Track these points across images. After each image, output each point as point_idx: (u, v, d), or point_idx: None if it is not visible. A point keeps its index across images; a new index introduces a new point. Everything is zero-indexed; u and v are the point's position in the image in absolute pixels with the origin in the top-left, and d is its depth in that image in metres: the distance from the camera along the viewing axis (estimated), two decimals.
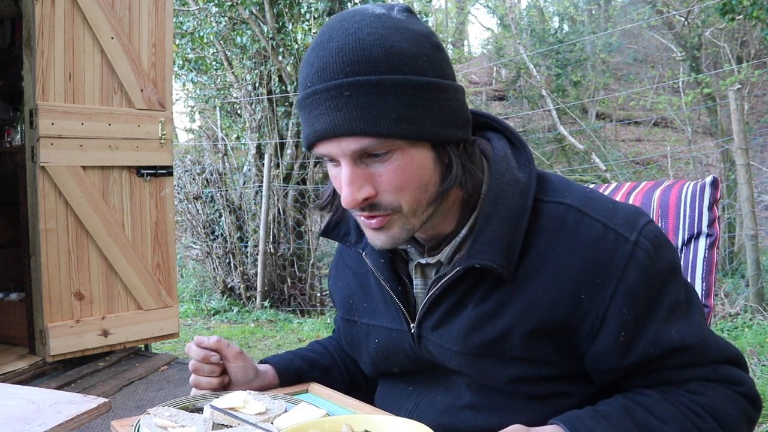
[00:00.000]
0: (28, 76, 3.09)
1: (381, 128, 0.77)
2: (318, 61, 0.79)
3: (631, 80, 12.84)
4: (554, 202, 0.87)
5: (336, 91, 0.77)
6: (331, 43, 0.78)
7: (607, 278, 0.83)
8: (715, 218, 1.18)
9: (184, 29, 7.11)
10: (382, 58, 0.76)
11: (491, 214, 0.86)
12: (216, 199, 6.39)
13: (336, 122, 0.77)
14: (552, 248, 0.85)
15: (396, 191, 0.81)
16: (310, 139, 0.82)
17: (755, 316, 4.15)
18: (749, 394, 0.87)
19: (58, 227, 3.11)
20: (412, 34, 0.79)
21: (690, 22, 9.08)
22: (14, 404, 0.98)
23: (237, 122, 7.69)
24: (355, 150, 0.79)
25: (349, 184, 0.80)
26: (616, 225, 0.84)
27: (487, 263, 0.84)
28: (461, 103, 0.84)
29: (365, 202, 0.82)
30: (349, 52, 0.76)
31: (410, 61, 0.77)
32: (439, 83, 0.80)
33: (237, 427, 0.88)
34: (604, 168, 7.90)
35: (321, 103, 0.78)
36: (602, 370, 0.88)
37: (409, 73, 0.77)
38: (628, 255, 0.83)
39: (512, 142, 0.93)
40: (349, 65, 0.76)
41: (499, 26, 14.75)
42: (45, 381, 3.07)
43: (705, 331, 0.87)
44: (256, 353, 4.18)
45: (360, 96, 0.76)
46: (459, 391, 0.95)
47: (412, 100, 0.78)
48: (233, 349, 1.03)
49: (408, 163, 0.80)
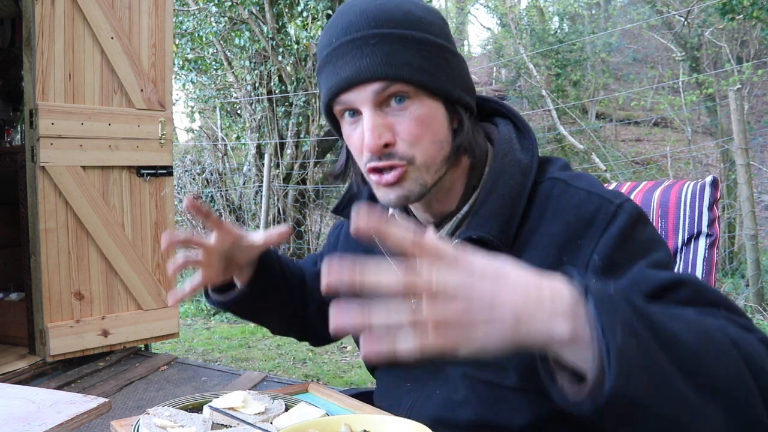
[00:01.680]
0: (28, 76, 3.09)
1: (404, 72, 0.84)
2: (342, 20, 0.86)
3: (631, 80, 12.84)
4: (546, 179, 0.90)
5: (362, 40, 0.84)
6: (354, 7, 0.86)
7: (586, 238, 0.83)
8: (715, 218, 1.18)
9: (184, 29, 7.11)
10: (402, 18, 0.85)
11: (492, 191, 0.89)
12: (216, 199, 6.39)
13: (362, 67, 0.84)
14: (540, 222, 0.87)
15: (413, 141, 0.86)
16: (334, 90, 0.87)
17: (755, 316, 4.15)
18: (766, 339, 0.69)
19: (58, 227, 3.12)
20: (425, 6, 0.88)
21: (690, 22, 9.08)
22: (14, 404, 0.98)
23: (237, 122, 7.69)
24: (377, 91, 0.84)
25: (371, 130, 0.85)
26: (600, 191, 0.86)
27: (484, 235, 0.86)
28: (468, 73, 0.92)
29: (385, 149, 0.86)
30: (373, 10, 0.85)
31: (426, 24, 0.86)
32: (451, 48, 0.89)
33: (236, 427, 0.88)
34: (604, 168, 7.90)
35: (348, 53, 0.85)
36: None
37: (427, 33, 0.85)
38: (611, 214, 0.83)
39: (518, 127, 0.97)
40: (374, 20, 0.84)
41: (498, 26, 14.75)
42: (45, 381, 3.07)
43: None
44: (256, 353, 4.18)
45: (385, 45, 0.83)
46: (455, 384, 0.96)
47: (430, 55, 0.85)
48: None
49: (425, 114, 0.86)
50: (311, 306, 1.17)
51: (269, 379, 3.29)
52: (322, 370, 3.88)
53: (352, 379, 3.64)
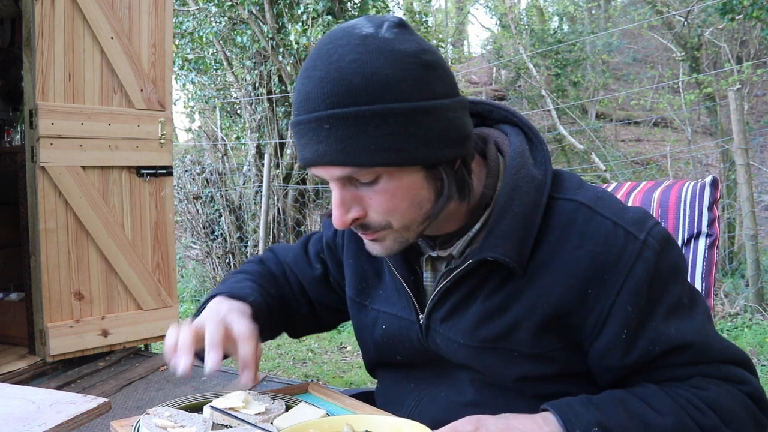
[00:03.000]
0: (28, 76, 3.09)
1: (361, 159, 0.78)
2: (303, 89, 0.81)
3: (631, 80, 12.83)
4: (566, 199, 0.88)
5: (317, 123, 0.79)
6: (315, 71, 0.79)
7: (614, 275, 0.84)
8: (715, 218, 1.18)
9: (183, 29, 7.11)
10: (362, 87, 0.77)
11: (506, 209, 0.86)
12: (216, 199, 6.39)
13: (319, 153, 0.80)
14: (562, 244, 0.86)
15: (385, 213, 0.83)
16: (302, 164, 0.85)
17: (755, 316, 4.15)
18: (755, 395, 0.85)
19: (57, 227, 3.11)
20: (397, 56, 0.78)
21: (690, 22, 9.08)
22: (14, 404, 0.98)
23: (237, 122, 7.69)
24: (339, 177, 0.81)
25: (338, 206, 0.83)
26: (625, 223, 0.85)
27: (500, 257, 0.85)
28: (454, 121, 0.82)
29: (355, 223, 0.84)
30: (330, 82, 0.78)
31: (392, 88, 0.77)
32: (425, 107, 0.79)
33: (237, 427, 0.88)
34: (603, 168, 7.90)
35: (305, 134, 0.81)
36: (604, 368, 0.88)
37: (391, 101, 0.77)
38: (637, 253, 0.84)
39: (530, 138, 0.94)
40: (330, 96, 0.77)
41: (498, 26, 14.75)
42: (45, 381, 3.07)
43: (708, 331, 0.87)
44: None
45: (339, 129, 0.78)
46: (462, 387, 0.96)
47: (393, 128, 0.78)
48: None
49: (397, 187, 0.81)
50: (318, 310, 1.16)
51: (269, 379, 3.29)
52: (322, 370, 3.88)
53: (352, 379, 3.64)
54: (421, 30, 8.40)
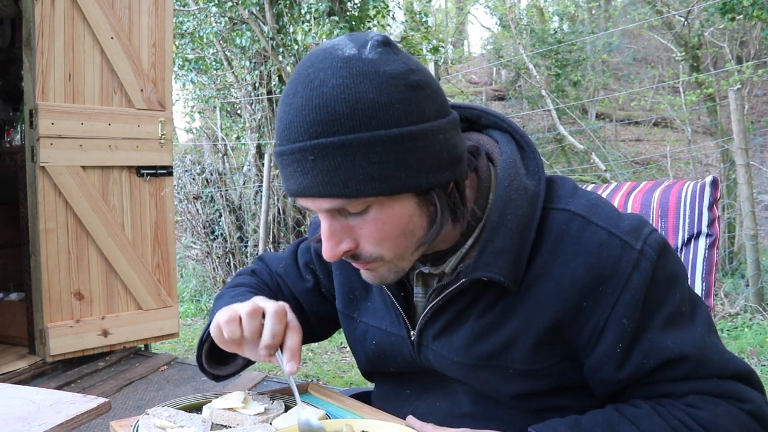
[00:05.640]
0: (28, 76, 3.09)
1: (349, 190, 0.74)
2: (285, 117, 0.76)
3: (631, 80, 12.83)
4: (558, 209, 0.85)
5: (301, 154, 0.74)
6: (296, 98, 0.75)
7: (610, 286, 0.81)
8: (715, 218, 1.18)
9: (184, 29, 7.12)
10: (347, 115, 0.72)
11: (498, 225, 0.83)
12: (216, 199, 6.39)
13: (304, 185, 0.76)
14: (555, 256, 0.83)
15: (377, 243, 0.80)
16: (287, 195, 0.81)
17: (755, 316, 4.15)
18: (757, 413, 0.81)
19: (57, 227, 3.12)
20: (383, 78, 0.73)
21: (690, 22, 9.08)
22: (14, 404, 0.98)
23: (237, 122, 7.70)
24: (325, 208, 0.78)
25: (328, 238, 0.79)
26: (620, 232, 0.82)
27: (495, 276, 0.82)
28: (446, 142, 0.78)
29: (346, 254, 0.81)
30: (312, 110, 0.73)
31: (379, 113, 0.72)
32: (414, 131, 0.74)
33: (236, 427, 0.88)
34: (603, 168, 7.90)
35: (289, 165, 0.76)
36: (599, 381, 0.86)
37: (378, 128, 0.72)
38: (633, 263, 0.81)
39: (521, 145, 0.90)
40: (313, 125, 0.73)
41: (498, 26, 14.75)
42: (45, 381, 3.07)
43: (708, 343, 0.83)
44: None
45: (325, 159, 0.73)
46: (457, 398, 0.95)
47: (382, 156, 0.73)
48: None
49: (388, 216, 0.78)
50: (313, 321, 1.13)
51: (269, 379, 3.29)
52: (322, 370, 3.88)
53: (352, 379, 3.64)
54: (421, 30, 8.39)
